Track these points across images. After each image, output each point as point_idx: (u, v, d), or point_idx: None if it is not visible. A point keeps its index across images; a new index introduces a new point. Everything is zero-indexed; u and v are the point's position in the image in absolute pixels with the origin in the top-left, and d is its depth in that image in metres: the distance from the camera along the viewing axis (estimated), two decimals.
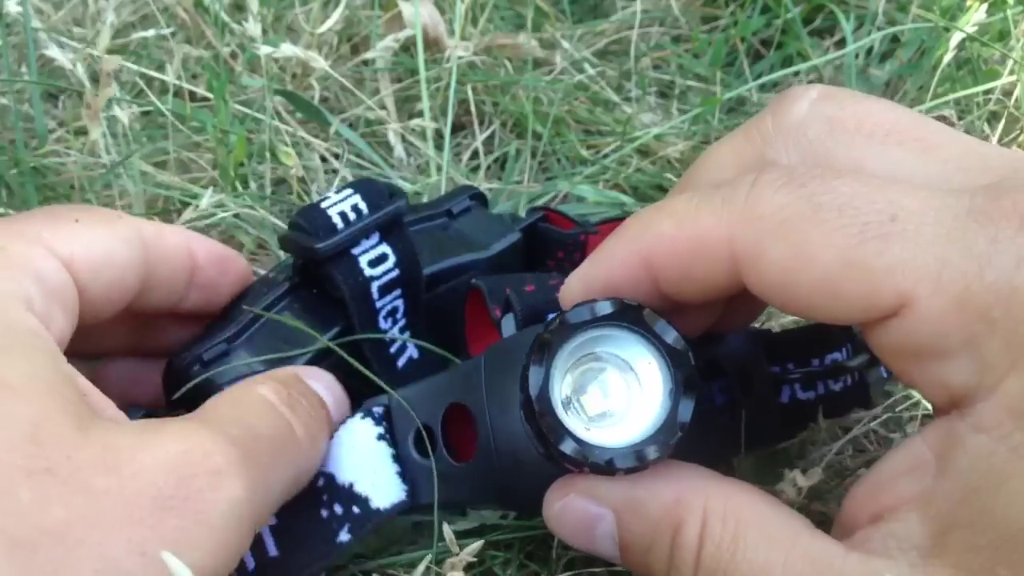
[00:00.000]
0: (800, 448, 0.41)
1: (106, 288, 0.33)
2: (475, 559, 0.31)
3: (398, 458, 0.34)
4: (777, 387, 0.37)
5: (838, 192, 0.26)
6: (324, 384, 0.35)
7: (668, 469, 0.30)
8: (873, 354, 0.35)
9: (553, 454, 0.29)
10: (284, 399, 0.32)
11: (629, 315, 0.30)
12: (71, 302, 0.32)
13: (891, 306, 0.26)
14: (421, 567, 0.35)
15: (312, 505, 0.33)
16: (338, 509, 0.33)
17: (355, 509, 0.33)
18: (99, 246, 0.33)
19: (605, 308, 0.30)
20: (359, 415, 0.35)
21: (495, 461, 0.32)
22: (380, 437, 0.34)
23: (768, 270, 0.27)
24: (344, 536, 0.33)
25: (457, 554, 0.33)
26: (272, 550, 0.33)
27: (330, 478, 0.34)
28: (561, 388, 0.30)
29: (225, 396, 0.32)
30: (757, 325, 0.43)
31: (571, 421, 0.30)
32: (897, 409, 0.41)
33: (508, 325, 0.35)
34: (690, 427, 0.29)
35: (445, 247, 0.41)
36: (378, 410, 0.35)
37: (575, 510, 0.31)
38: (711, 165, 0.33)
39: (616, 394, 0.31)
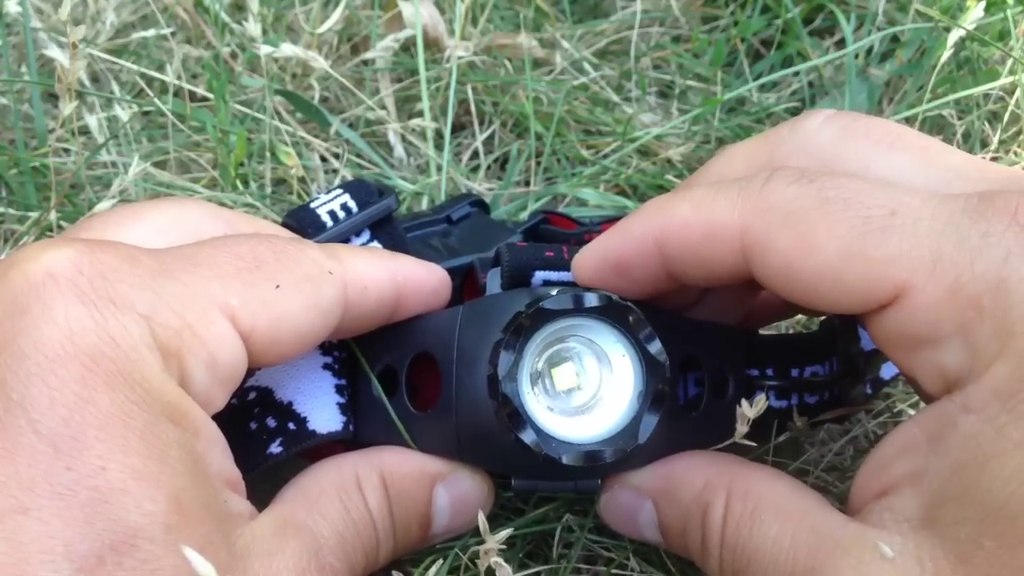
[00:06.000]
0: (798, 448, 0.41)
1: (280, 357, 0.31)
2: (504, 546, 0.31)
3: (343, 390, 0.34)
4: (750, 391, 0.36)
5: (845, 187, 0.28)
6: (452, 496, 0.34)
7: (699, 458, 0.32)
8: (857, 373, 0.35)
9: (513, 438, 0.29)
10: (385, 512, 0.32)
11: (614, 313, 0.30)
12: (237, 377, 0.29)
13: (889, 295, 0.27)
14: (433, 570, 0.34)
15: (241, 418, 0.33)
16: (271, 423, 0.33)
17: (291, 425, 0.33)
18: (291, 322, 0.30)
19: (592, 300, 0.30)
20: None
21: (454, 418, 0.32)
22: (326, 367, 0.34)
23: (775, 259, 0.29)
24: (275, 448, 0.33)
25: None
26: None
27: (267, 393, 0.34)
28: (531, 366, 0.30)
29: (335, 504, 0.31)
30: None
31: (534, 400, 0.30)
32: (895, 410, 0.41)
33: (493, 280, 0.34)
34: (650, 441, 0.30)
35: (444, 250, 0.41)
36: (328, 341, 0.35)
37: (620, 500, 0.33)
38: (724, 163, 0.34)
39: (587, 376, 0.31)
